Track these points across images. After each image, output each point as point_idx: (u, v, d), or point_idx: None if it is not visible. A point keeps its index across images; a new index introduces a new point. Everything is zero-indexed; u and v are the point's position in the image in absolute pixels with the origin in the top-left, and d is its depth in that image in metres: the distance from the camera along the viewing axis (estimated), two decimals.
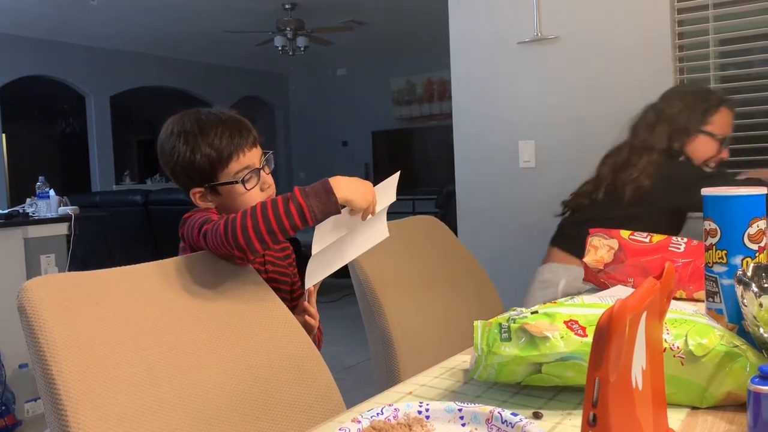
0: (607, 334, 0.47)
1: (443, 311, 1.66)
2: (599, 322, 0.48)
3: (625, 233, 1.39)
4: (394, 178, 1.25)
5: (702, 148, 1.90)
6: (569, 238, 2.05)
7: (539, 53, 2.72)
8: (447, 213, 3.11)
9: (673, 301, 1.17)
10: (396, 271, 1.60)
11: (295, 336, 1.15)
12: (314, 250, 1.25)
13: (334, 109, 8.71)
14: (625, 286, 1.33)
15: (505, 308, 1.38)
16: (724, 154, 1.91)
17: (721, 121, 1.89)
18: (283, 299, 1.21)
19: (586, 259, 1.39)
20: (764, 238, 0.89)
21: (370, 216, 1.17)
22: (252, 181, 1.24)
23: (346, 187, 1.09)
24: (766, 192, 0.89)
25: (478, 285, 1.84)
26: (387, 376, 1.51)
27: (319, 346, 1.35)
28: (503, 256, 2.87)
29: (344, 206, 1.11)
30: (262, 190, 1.26)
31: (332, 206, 1.07)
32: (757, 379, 0.66)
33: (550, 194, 2.78)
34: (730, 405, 0.75)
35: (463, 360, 0.97)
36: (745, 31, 2.38)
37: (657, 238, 1.36)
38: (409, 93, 8.39)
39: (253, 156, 1.25)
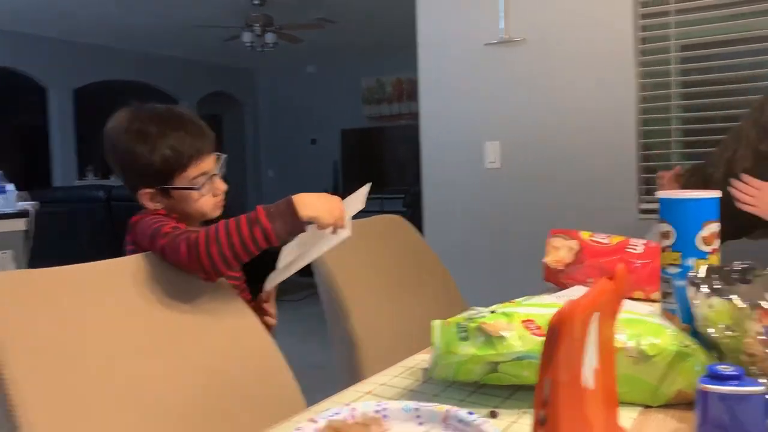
0: (557, 335, 0.48)
1: (407, 311, 1.67)
2: (550, 323, 0.49)
3: (585, 234, 1.42)
4: (364, 190, 1.25)
5: None
6: None
7: (506, 55, 2.75)
8: (415, 213, 3.12)
9: (629, 302, 1.19)
10: (360, 270, 1.60)
11: (254, 334, 1.14)
12: (280, 264, 1.25)
13: (304, 106, 8.66)
14: (585, 286, 1.35)
15: (468, 307, 1.39)
16: None
17: None
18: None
19: (546, 260, 1.40)
20: (716, 241, 0.91)
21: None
22: (207, 186, 1.22)
23: (311, 204, 1.08)
24: (719, 195, 0.91)
25: (442, 284, 1.85)
26: (350, 376, 1.51)
27: None
28: (468, 256, 2.89)
29: (310, 223, 1.11)
30: (214, 195, 1.25)
31: (297, 226, 1.06)
32: (705, 379, 0.67)
33: (514, 195, 2.81)
34: (681, 403, 0.76)
35: (422, 359, 0.97)
36: (707, 37, 2.44)
37: (616, 239, 1.38)
38: (378, 92, 8.39)
39: (210, 161, 1.23)
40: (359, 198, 1.23)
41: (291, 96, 8.77)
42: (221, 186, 1.27)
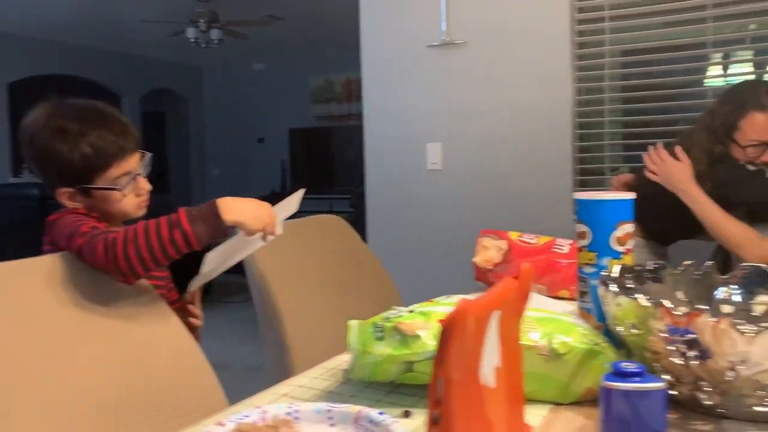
0: (448, 334, 0.48)
1: (343, 311, 1.66)
2: (443, 323, 0.49)
3: (514, 234, 1.44)
4: (297, 194, 1.24)
5: (735, 154, 1.78)
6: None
7: (447, 57, 2.77)
8: (361, 213, 3.12)
9: (551, 300, 1.21)
10: (295, 271, 1.58)
11: (175, 336, 1.12)
12: (203, 269, 1.22)
13: (251, 104, 8.55)
14: None
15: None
16: (766, 158, 1.75)
17: (749, 127, 1.74)
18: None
19: (475, 259, 1.42)
20: (630, 241, 0.93)
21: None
22: (129, 187, 1.19)
23: (237, 209, 1.04)
24: (634, 197, 0.93)
25: (379, 285, 1.85)
26: (283, 378, 1.49)
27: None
28: (410, 256, 2.90)
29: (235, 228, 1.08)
30: (137, 195, 1.21)
31: (220, 231, 1.03)
32: (609, 376, 0.69)
33: (456, 196, 2.84)
34: (590, 400, 0.78)
35: (343, 360, 0.97)
36: (644, 43, 2.51)
37: (543, 239, 1.40)
38: (327, 91, 8.35)
39: (133, 161, 1.20)
40: (292, 202, 1.22)
41: (238, 94, 8.64)
42: (145, 186, 1.23)
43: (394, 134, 2.92)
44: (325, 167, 8.21)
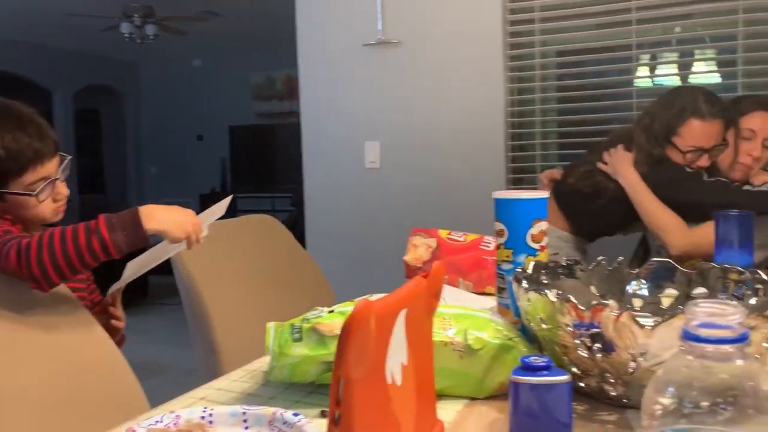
0: (347, 334, 0.48)
1: (274, 313, 1.64)
2: (343, 324, 0.49)
3: (443, 232, 1.46)
4: (224, 201, 1.23)
5: (674, 157, 1.84)
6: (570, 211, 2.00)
7: (383, 56, 2.78)
8: (302, 212, 3.11)
9: (477, 296, 1.23)
10: (224, 272, 1.56)
11: (97, 342, 1.09)
12: (124, 276, 1.20)
13: (189, 101, 8.37)
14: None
15: None
16: (703, 163, 1.82)
17: (689, 134, 1.80)
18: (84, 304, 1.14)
19: (406, 258, 1.43)
20: (545, 238, 0.96)
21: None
22: (46, 191, 1.15)
23: (159, 217, 1.02)
24: (547, 196, 0.96)
25: (313, 285, 1.85)
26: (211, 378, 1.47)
27: (120, 346, 1.29)
28: (348, 255, 2.90)
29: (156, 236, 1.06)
30: (55, 200, 1.17)
31: (140, 240, 1.01)
32: (517, 370, 0.71)
33: (394, 195, 2.86)
34: (504, 394, 0.80)
35: (266, 362, 0.96)
36: (572, 44, 2.59)
37: (471, 237, 1.43)
38: (268, 88, 8.26)
39: (51, 165, 1.15)
40: (219, 208, 1.21)
41: (176, 90, 8.45)
42: (63, 191, 1.19)
43: (332, 133, 2.92)
44: (267, 165, 8.12)
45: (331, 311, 0.86)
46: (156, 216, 1.02)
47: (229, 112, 8.22)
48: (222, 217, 1.34)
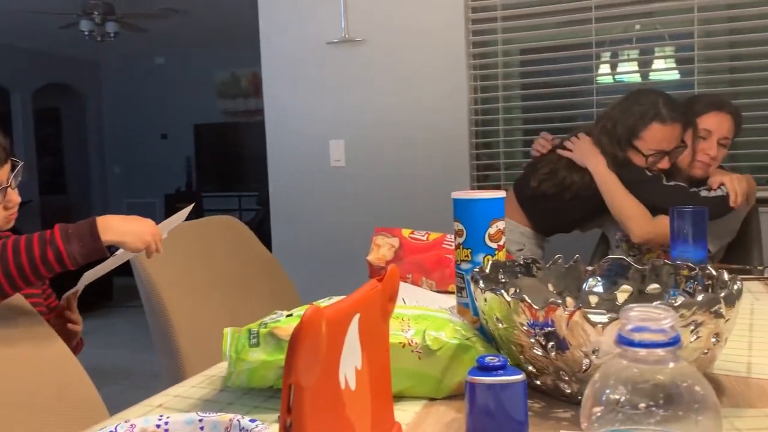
0: (295, 342, 0.48)
1: (237, 317, 1.63)
2: (292, 332, 0.49)
3: (406, 231, 1.46)
4: (185, 211, 1.22)
5: (636, 160, 1.89)
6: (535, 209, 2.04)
7: (347, 54, 2.78)
8: (268, 210, 3.10)
9: (440, 295, 1.24)
10: (187, 275, 1.55)
11: (53, 351, 1.06)
12: (81, 282, 1.18)
13: (153, 100, 8.23)
14: (404, 282, 1.40)
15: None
16: (664, 165, 1.88)
17: (651, 138, 1.86)
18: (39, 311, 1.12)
19: (369, 258, 1.43)
20: (503, 237, 0.97)
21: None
22: None
23: (117, 228, 1.01)
24: (504, 195, 0.97)
25: (277, 285, 1.84)
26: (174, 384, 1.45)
27: (79, 350, 1.27)
28: (314, 254, 2.89)
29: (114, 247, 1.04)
30: (6, 208, 1.15)
31: (97, 251, 0.99)
32: (473, 370, 0.71)
33: (359, 193, 2.86)
34: (462, 394, 0.80)
35: (225, 367, 0.95)
36: (534, 43, 2.62)
37: (433, 236, 1.44)
38: (233, 86, 8.16)
39: (2, 173, 1.13)
40: (180, 216, 1.21)
41: (139, 89, 8.30)
42: (15, 198, 1.16)
43: (297, 131, 2.90)
44: (233, 164, 8.04)
45: (290, 315, 0.85)
46: (114, 226, 1.01)
47: (193, 111, 8.11)
48: (186, 218, 1.33)
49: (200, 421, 0.72)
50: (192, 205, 1.26)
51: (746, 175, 1.95)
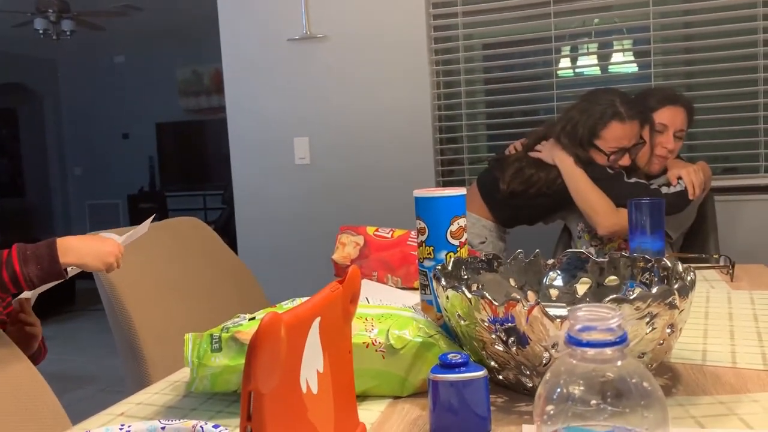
0: (254, 349, 0.48)
1: (203, 320, 1.61)
2: (250, 339, 0.49)
3: (371, 229, 1.46)
4: (146, 223, 1.23)
5: (598, 159, 1.93)
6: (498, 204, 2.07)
7: (309, 51, 2.76)
8: (233, 209, 3.07)
9: (405, 292, 1.25)
10: (149, 277, 1.52)
11: (9, 360, 1.04)
12: (33, 292, 1.16)
13: (113, 99, 8.06)
14: (369, 279, 1.40)
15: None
16: (625, 161, 1.93)
17: (611, 136, 1.90)
18: None
19: (334, 257, 1.43)
20: (464, 234, 0.98)
21: None
22: None
23: (76, 249, 1.00)
24: (465, 193, 0.98)
25: (243, 286, 1.82)
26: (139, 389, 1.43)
27: (43, 355, 1.25)
28: (279, 253, 2.88)
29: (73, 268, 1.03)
30: None
31: (55, 275, 0.98)
32: (436, 368, 0.72)
33: (325, 190, 2.85)
34: (426, 391, 0.81)
35: (188, 372, 0.94)
36: (495, 38, 2.64)
37: (398, 233, 1.44)
38: (196, 83, 8.04)
39: None
40: (141, 228, 1.20)
41: (98, 88, 8.13)
42: None
43: (261, 129, 2.88)
44: (197, 162, 7.93)
45: (253, 318, 0.85)
46: (74, 248, 0.99)
47: (155, 109, 7.97)
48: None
49: (162, 429, 0.71)
50: (152, 216, 1.26)
51: (701, 163, 2.01)
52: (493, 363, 0.79)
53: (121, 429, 0.72)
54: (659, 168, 2.00)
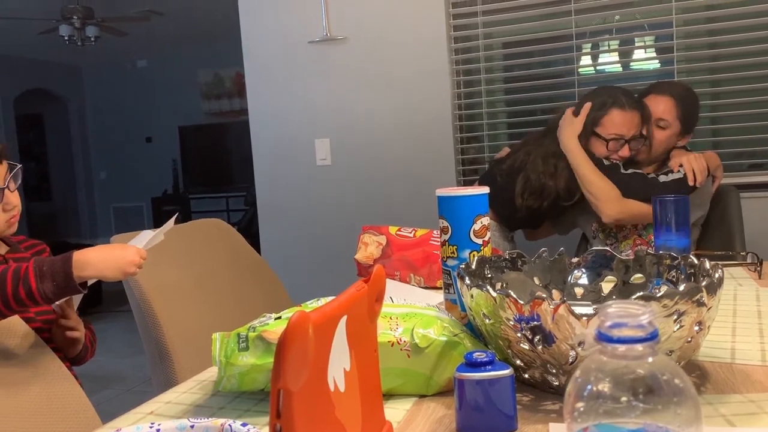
0: (282, 347, 0.49)
1: (227, 320, 1.63)
2: (279, 338, 0.50)
3: (393, 229, 1.47)
4: (168, 225, 1.23)
5: (594, 148, 1.94)
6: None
7: (330, 53, 2.77)
8: (256, 211, 3.09)
9: (428, 291, 1.25)
10: (175, 278, 1.54)
11: (43, 363, 1.06)
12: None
13: (137, 103, 8.18)
14: (392, 279, 1.41)
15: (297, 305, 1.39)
16: (624, 152, 1.93)
17: (610, 123, 1.92)
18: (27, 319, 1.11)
19: (357, 256, 1.44)
20: (488, 233, 0.98)
21: None
22: None
23: (95, 263, 1.00)
24: (488, 191, 0.98)
25: (266, 286, 1.84)
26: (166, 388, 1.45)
27: (91, 353, 1.27)
28: (301, 253, 2.90)
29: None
30: (4, 210, 1.14)
31: (70, 290, 0.99)
32: (461, 367, 0.72)
33: (346, 191, 2.86)
34: (451, 390, 0.81)
35: (215, 371, 0.95)
36: (516, 36, 2.63)
37: (420, 232, 1.44)
38: (217, 87, 8.13)
39: None
40: (163, 230, 1.21)
41: (122, 92, 8.25)
42: (13, 200, 1.16)
43: (282, 131, 2.90)
44: (219, 165, 8.01)
45: (279, 317, 0.86)
46: (92, 263, 1.00)
47: (177, 113, 8.07)
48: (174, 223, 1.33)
49: (192, 427, 0.73)
50: (175, 216, 1.26)
51: (707, 152, 2.01)
52: (518, 362, 0.78)
53: (151, 427, 0.73)
54: (643, 158, 2.01)
